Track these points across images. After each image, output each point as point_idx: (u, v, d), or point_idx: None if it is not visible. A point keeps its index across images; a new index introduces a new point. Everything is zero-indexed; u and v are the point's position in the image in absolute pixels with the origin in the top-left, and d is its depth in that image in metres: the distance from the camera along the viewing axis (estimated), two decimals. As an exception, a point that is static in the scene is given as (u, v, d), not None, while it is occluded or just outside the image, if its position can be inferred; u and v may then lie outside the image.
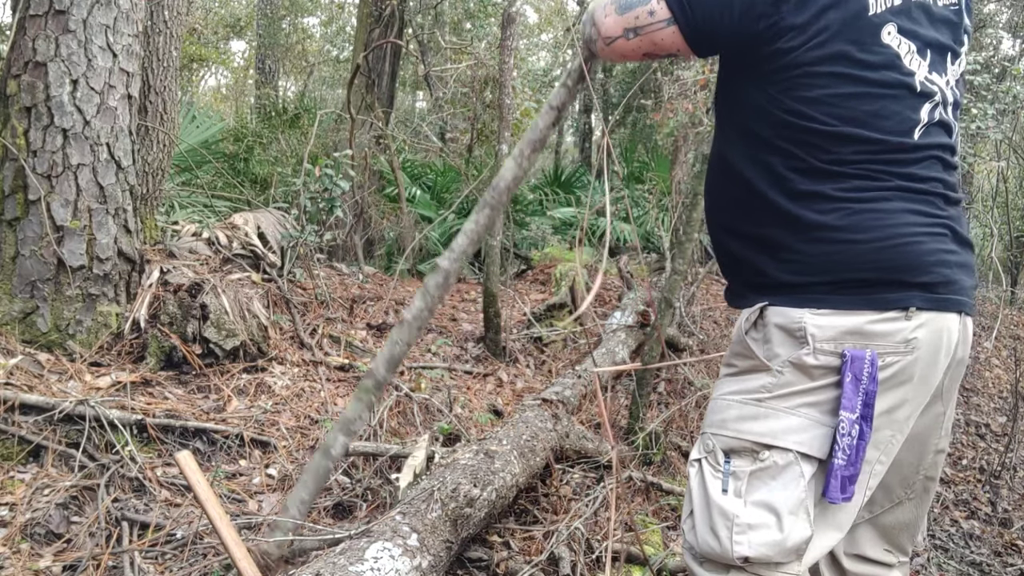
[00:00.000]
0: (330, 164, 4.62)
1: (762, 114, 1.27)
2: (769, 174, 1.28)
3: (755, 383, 1.28)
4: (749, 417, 1.27)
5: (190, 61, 12.00)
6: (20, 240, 2.85)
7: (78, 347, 2.92)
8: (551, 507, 2.57)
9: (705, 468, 1.31)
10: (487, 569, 2.16)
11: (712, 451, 1.30)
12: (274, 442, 2.79)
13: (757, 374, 1.29)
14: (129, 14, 3.05)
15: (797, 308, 1.24)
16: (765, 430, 1.25)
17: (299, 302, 4.17)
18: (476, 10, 9.56)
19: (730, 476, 1.26)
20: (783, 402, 1.25)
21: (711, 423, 1.33)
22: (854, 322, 1.21)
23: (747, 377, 1.31)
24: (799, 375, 1.24)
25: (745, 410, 1.27)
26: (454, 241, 1.34)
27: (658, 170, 9.23)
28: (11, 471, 2.26)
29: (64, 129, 2.87)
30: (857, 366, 1.18)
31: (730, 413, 1.29)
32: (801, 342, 1.23)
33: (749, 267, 1.36)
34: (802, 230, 1.25)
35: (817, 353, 1.22)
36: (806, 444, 1.23)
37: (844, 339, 1.21)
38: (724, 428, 1.29)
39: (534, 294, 6.36)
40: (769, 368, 1.26)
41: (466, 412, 3.45)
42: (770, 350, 1.27)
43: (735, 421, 1.28)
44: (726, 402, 1.31)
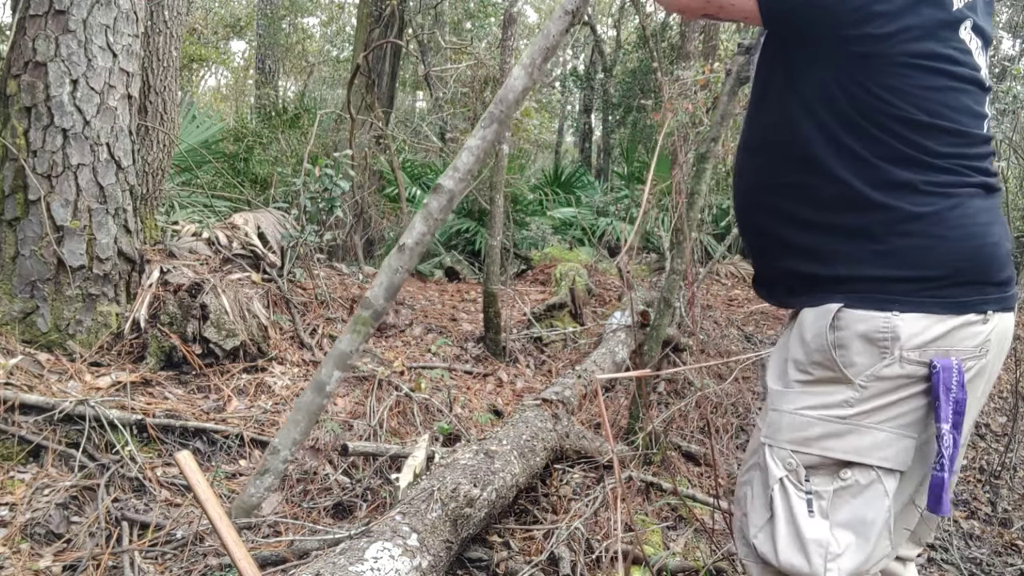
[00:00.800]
0: (330, 164, 4.62)
1: (840, 95, 1.21)
2: (852, 160, 1.22)
3: (836, 397, 1.23)
4: (832, 435, 1.23)
5: (190, 61, 12.00)
6: (20, 240, 2.85)
7: (78, 347, 2.92)
8: (551, 507, 2.57)
9: (789, 487, 1.27)
10: (487, 569, 2.16)
11: (795, 470, 1.27)
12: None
13: (837, 386, 1.23)
14: (129, 14, 3.05)
15: (880, 311, 1.19)
16: (849, 448, 1.21)
17: (299, 302, 4.17)
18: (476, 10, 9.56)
19: (813, 496, 1.24)
20: (867, 418, 1.21)
21: (792, 440, 1.28)
22: (939, 329, 1.18)
23: (825, 389, 1.25)
24: (883, 387, 1.20)
25: (829, 428, 1.23)
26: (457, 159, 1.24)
27: (658, 170, 9.23)
28: (11, 471, 2.26)
29: (64, 129, 2.87)
30: (947, 376, 1.16)
31: (813, 431, 1.25)
32: (884, 351, 1.19)
33: (810, 258, 1.29)
34: (891, 221, 1.20)
35: (903, 363, 1.18)
36: (891, 459, 1.21)
37: (929, 347, 1.17)
38: (808, 446, 1.25)
39: (534, 294, 6.36)
40: (851, 382, 1.21)
41: (466, 412, 3.45)
42: (847, 357, 1.22)
43: (818, 440, 1.24)
44: (806, 419, 1.26)
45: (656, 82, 10.86)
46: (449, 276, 7.27)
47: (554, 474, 2.77)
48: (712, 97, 5.89)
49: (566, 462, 2.88)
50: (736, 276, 8.04)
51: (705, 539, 2.42)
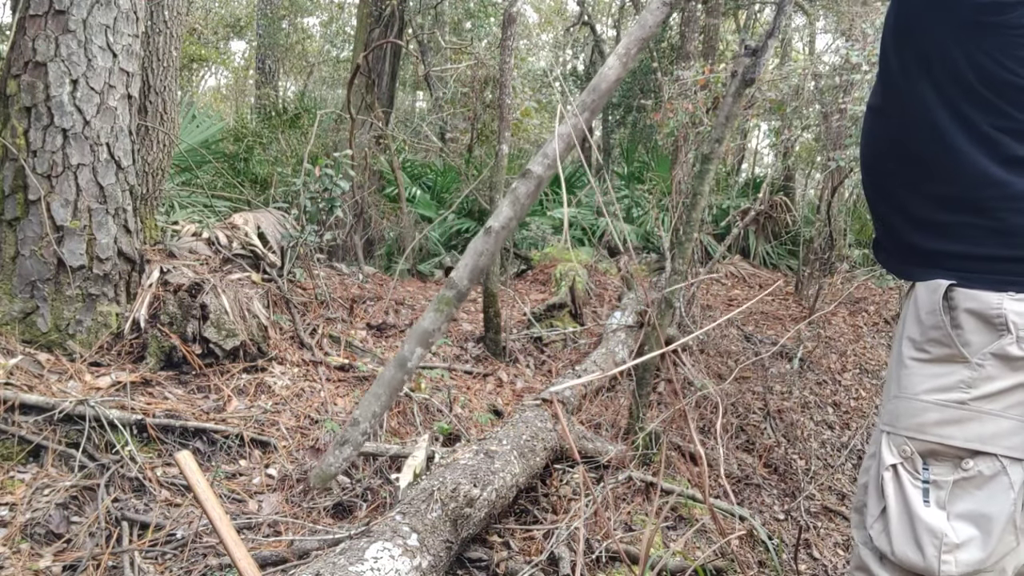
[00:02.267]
0: (330, 164, 4.62)
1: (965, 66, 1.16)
2: (972, 132, 1.17)
3: (952, 378, 1.17)
4: (952, 421, 1.16)
5: (190, 61, 12.00)
6: (20, 240, 2.85)
7: (78, 347, 2.92)
8: (551, 507, 2.57)
9: (903, 475, 1.21)
10: (487, 569, 2.16)
11: (910, 457, 1.20)
12: (274, 442, 2.79)
13: (953, 365, 1.17)
14: (129, 14, 3.05)
15: (994, 292, 1.13)
16: (971, 435, 1.14)
17: (299, 302, 4.17)
18: (476, 10, 9.56)
19: (931, 485, 1.18)
20: (989, 403, 1.14)
21: (906, 426, 1.22)
22: None
23: (941, 369, 1.19)
24: (1004, 369, 1.13)
25: (947, 413, 1.17)
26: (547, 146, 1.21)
27: (658, 170, 9.24)
28: (11, 471, 2.26)
29: (64, 129, 2.87)
30: None
31: (929, 417, 1.18)
32: (1000, 330, 1.12)
33: (927, 230, 1.24)
34: (1008, 198, 1.15)
35: (1021, 343, 1.12)
36: (1018, 448, 1.13)
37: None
38: (923, 432, 1.19)
39: (534, 294, 6.36)
40: (968, 360, 1.15)
41: (466, 412, 3.45)
42: (962, 337, 1.16)
43: (936, 426, 1.18)
44: (922, 404, 1.20)
45: (656, 82, 10.87)
46: (449, 276, 7.26)
47: (554, 474, 2.77)
48: (712, 97, 5.89)
49: (566, 462, 2.88)
50: (736, 276, 8.05)
51: (705, 539, 2.42)
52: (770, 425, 3.60)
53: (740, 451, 3.36)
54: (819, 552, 2.67)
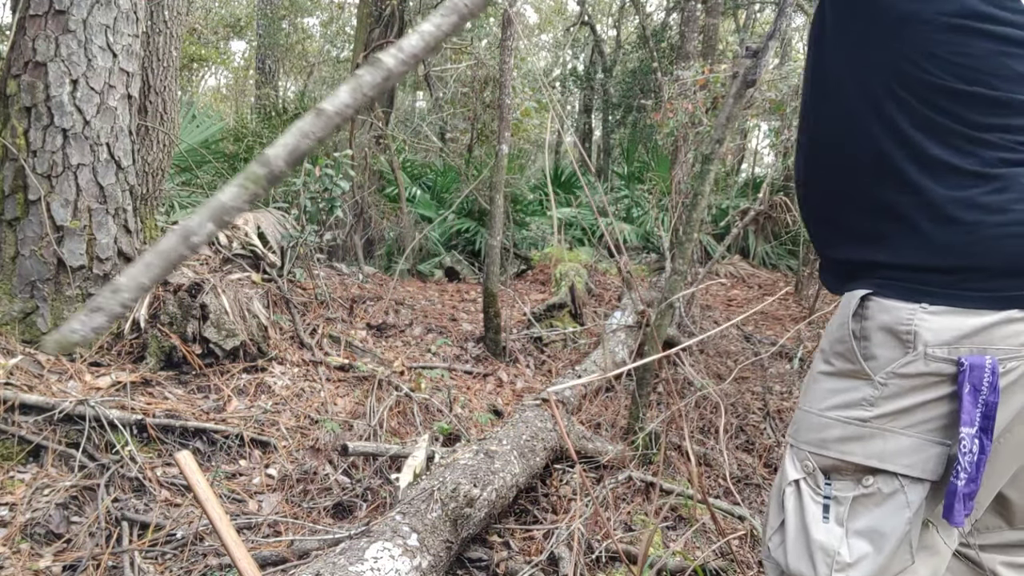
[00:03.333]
0: (330, 164, 4.62)
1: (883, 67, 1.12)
2: (892, 130, 1.13)
3: (855, 395, 1.13)
4: (853, 438, 1.13)
5: (190, 61, 12.00)
6: (20, 240, 2.85)
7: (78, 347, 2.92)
8: (551, 507, 2.57)
9: (804, 490, 1.19)
10: (487, 569, 2.16)
11: (812, 472, 1.18)
12: (274, 442, 2.79)
13: (856, 381, 1.14)
14: (129, 14, 3.05)
15: (907, 302, 1.08)
16: (872, 452, 1.11)
17: (299, 302, 4.17)
18: (476, 10, 9.53)
19: (832, 500, 1.16)
20: (890, 421, 1.11)
21: (810, 440, 1.19)
22: (972, 324, 1.05)
23: (845, 384, 1.16)
24: (906, 386, 1.09)
25: (849, 430, 1.14)
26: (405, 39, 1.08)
27: (658, 170, 9.24)
28: (11, 471, 2.26)
29: (64, 129, 2.87)
30: (976, 375, 1.04)
31: (831, 433, 1.16)
32: (907, 346, 1.08)
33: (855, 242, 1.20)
34: (926, 204, 1.10)
35: (928, 360, 1.07)
36: (917, 467, 1.10)
37: (960, 344, 1.06)
38: (825, 448, 1.16)
39: (534, 294, 6.36)
40: (870, 377, 1.11)
41: (466, 412, 3.45)
42: (868, 349, 1.12)
43: (837, 442, 1.15)
44: (825, 420, 1.17)
45: (656, 82, 10.87)
46: (449, 276, 7.27)
47: (554, 474, 2.77)
48: (712, 97, 5.90)
49: (566, 462, 2.88)
50: (736, 276, 8.05)
51: (705, 539, 2.42)
52: (770, 425, 3.61)
53: (740, 451, 3.36)
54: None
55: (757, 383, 4.30)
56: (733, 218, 7.37)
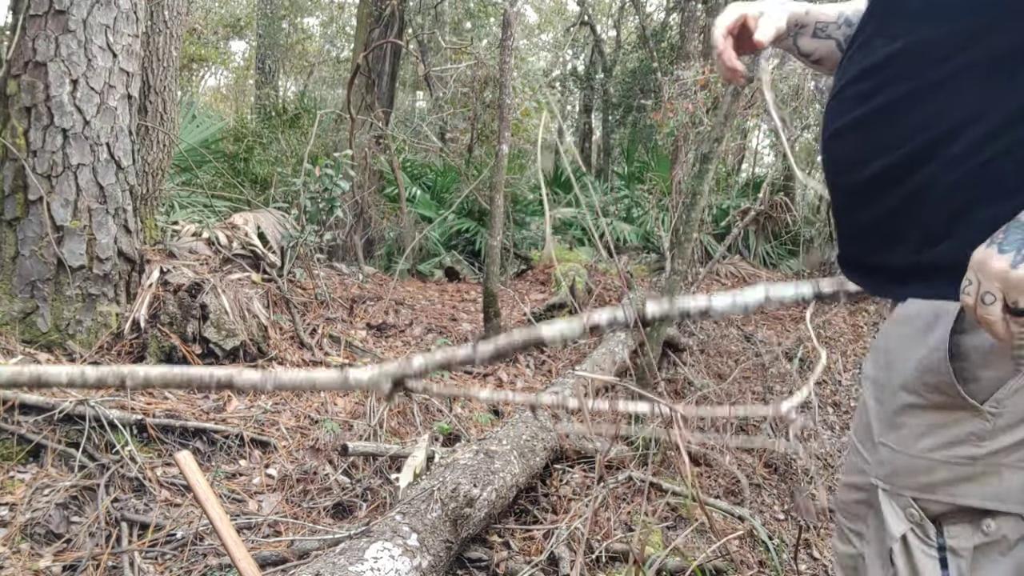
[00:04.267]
0: (330, 164, 4.63)
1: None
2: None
3: (960, 430, 0.93)
4: (964, 479, 0.93)
5: (190, 61, 12.01)
6: (20, 240, 2.85)
7: (78, 347, 2.92)
8: (551, 507, 2.57)
9: (912, 544, 0.98)
10: (487, 569, 2.16)
11: (919, 522, 0.97)
12: (274, 442, 2.79)
13: (959, 413, 0.92)
14: (129, 14, 3.05)
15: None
16: (988, 493, 0.92)
17: (299, 302, 4.17)
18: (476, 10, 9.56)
19: (949, 552, 0.95)
20: (1007, 456, 0.90)
21: (909, 485, 0.99)
22: None
23: (943, 417, 0.94)
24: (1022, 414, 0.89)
25: (958, 471, 0.94)
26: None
27: (658, 170, 9.24)
28: (11, 471, 2.27)
29: (64, 129, 2.87)
30: None
31: (937, 476, 0.95)
32: (1018, 367, 0.87)
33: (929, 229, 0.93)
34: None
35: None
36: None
37: None
38: (933, 493, 0.96)
39: (534, 294, 6.37)
40: (978, 408, 0.90)
41: (466, 412, 3.45)
42: (967, 371, 0.91)
43: (946, 485, 0.95)
44: (927, 462, 0.96)
45: (656, 82, 10.88)
46: (449, 276, 7.27)
47: (554, 474, 2.77)
48: (712, 97, 5.90)
49: (566, 462, 2.88)
50: (736, 276, 8.05)
51: (706, 539, 2.42)
52: (770, 425, 3.61)
53: (740, 451, 3.36)
54: (819, 552, 2.67)
55: (757, 383, 4.30)
56: (733, 218, 7.37)
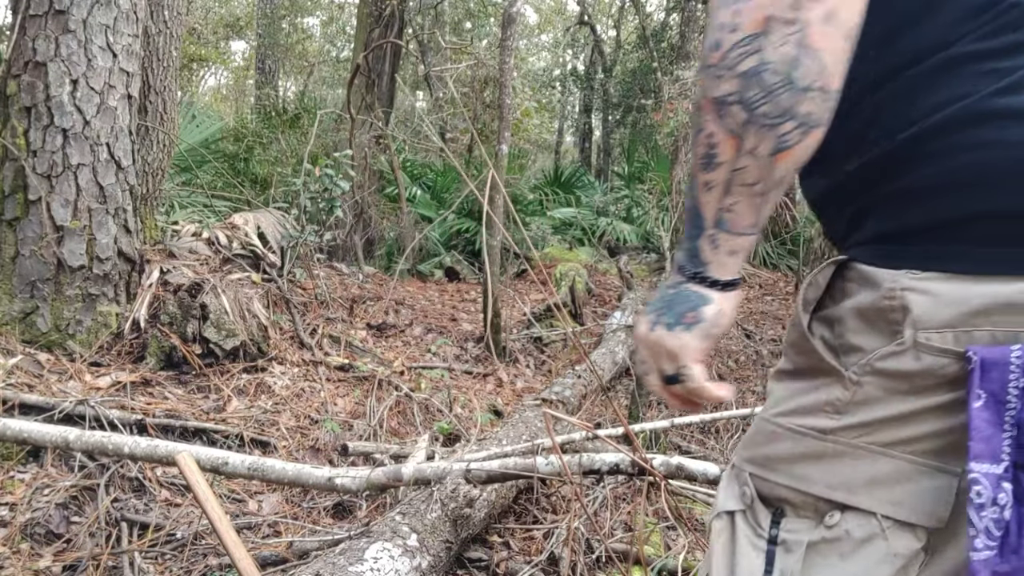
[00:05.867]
0: (330, 164, 4.63)
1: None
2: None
3: (818, 397, 0.77)
4: (809, 456, 0.77)
5: (190, 61, 12.01)
6: (20, 240, 2.85)
7: (78, 347, 2.92)
8: (551, 507, 2.57)
9: (739, 527, 0.81)
10: (487, 569, 2.16)
11: (751, 504, 0.80)
12: (274, 442, 2.79)
13: (820, 380, 0.77)
14: (129, 14, 3.05)
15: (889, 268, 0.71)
16: (835, 480, 0.75)
17: (299, 302, 4.17)
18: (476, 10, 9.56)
19: (779, 547, 0.78)
20: (864, 435, 0.74)
21: (751, 457, 0.83)
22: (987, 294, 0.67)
23: (805, 385, 0.79)
24: (889, 389, 0.72)
25: (804, 445, 0.77)
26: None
27: (658, 170, 9.24)
28: (11, 471, 2.27)
29: (64, 129, 2.87)
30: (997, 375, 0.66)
31: (780, 447, 0.79)
32: (894, 330, 0.71)
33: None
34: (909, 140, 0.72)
35: (920, 351, 0.70)
36: (905, 505, 0.72)
37: (971, 324, 0.68)
38: (772, 469, 0.80)
39: (534, 294, 6.36)
40: (840, 373, 0.75)
41: (466, 412, 3.45)
42: (843, 339, 0.76)
43: (789, 461, 0.78)
44: (773, 427, 0.80)
45: (656, 82, 10.87)
46: (449, 276, 7.27)
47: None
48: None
49: (566, 462, 2.88)
50: (736, 276, 8.04)
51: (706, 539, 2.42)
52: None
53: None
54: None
55: (758, 382, 4.30)
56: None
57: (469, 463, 2.01)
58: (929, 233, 0.70)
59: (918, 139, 0.70)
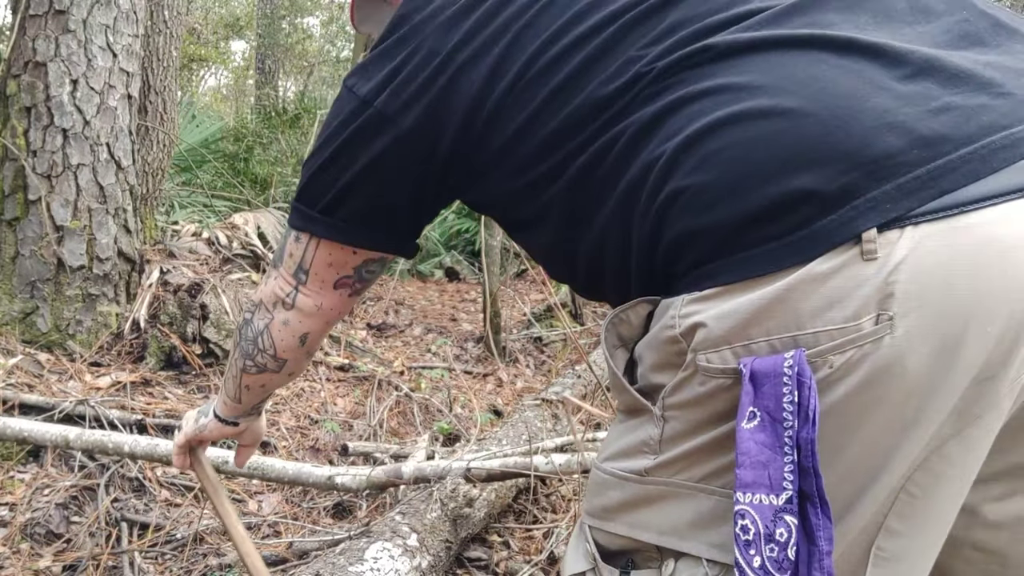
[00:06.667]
0: (330, 164, 4.62)
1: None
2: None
3: (636, 437, 0.73)
4: (638, 502, 0.72)
5: (190, 61, 12.01)
6: (20, 240, 2.85)
7: (78, 347, 2.92)
8: (551, 507, 2.57)
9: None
10: (487, 569, 2.16)
11: (595, 564, 0.76)
12: (274, 442, 2.79)
13: (637, 419, 0.74)
14: (129, 14, 3.05)
15: (671, 295, 0.69)
16: (665, 524, 0.70)
17: (299, 302, 4.17)
18: (476, 10, 9.53)
19: None
20: (678, 472, 0.69)
21: (589, 509, 0.79)
22: (758, 296, 0.61)
23: (627, 426, 0.76)
24: (691, 420, 0.68)
25: (628, 491, 0.73)
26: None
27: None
28: (11, 471, 2.27)
29: (64, 129, 2.87)
30: (769, 391, 0.59)
31: (611, 496, 0.75)
32: (680, 359, 0.67)
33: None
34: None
35: (704, 375, 0.65)
36: (728, 547, 0.64)
37: (745, 337, 0.62)
38: (608, 520, 0.75)
39: (534, 294, 6.37)
40: (650, 410, 0.71)
41: (466, 412, 3.45)
42: (646, 378, 0.73)
43: (621, 509, 0.74)
44: (602, 475, 0.77)
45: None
46: (449, 276, 7.27)
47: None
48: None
49: (566, 462, 2.88)
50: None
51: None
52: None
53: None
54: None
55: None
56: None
57: (469, 462, 2.01)
58: (702, 257, 0.66)
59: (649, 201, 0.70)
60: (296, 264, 0.94)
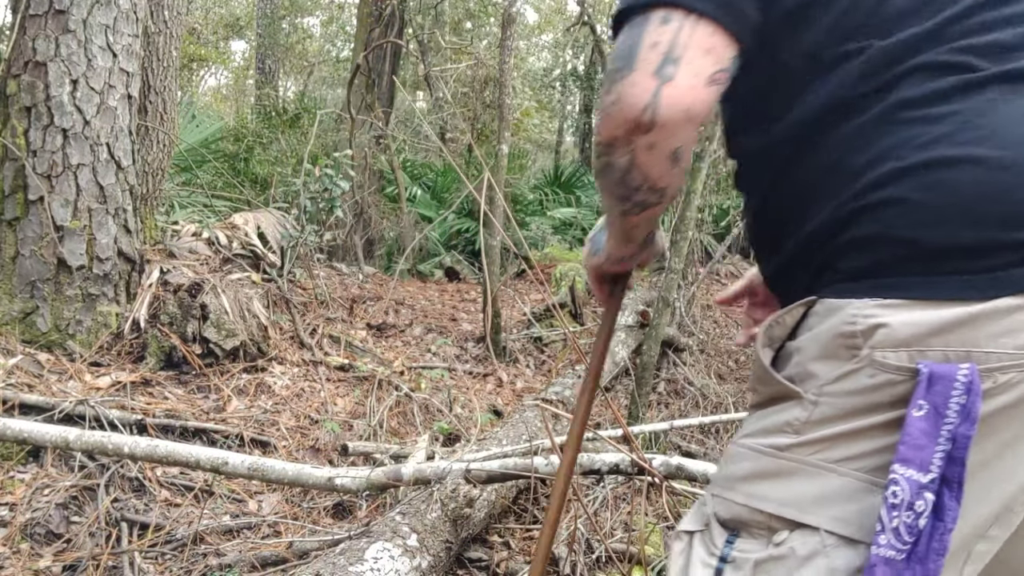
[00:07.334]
0: (330, 164, 4.62)
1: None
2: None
3: (779, 418, 0.80)
4: (765, 475, 0.79)
5: (190, 61, 12.01)
6: (20, 240, 2.85)
7: (78, 347, 2.92)
8: (551, 507, 2.57)
9: (695, 547, 0.84)
10: (487, 569, 2.16)
11: (708, 525, 0.84)
12: (274, 442, 2.79)
13: (782, 404, 0.81)
14: (129, 14, 3.05)
15: (855, 299, 0.76)
16: (788, 497, 0.77)
17: (299, 302, 4.17)
18: (476, 10, 9.56)
19: (728, 565, 0.80)
20: (816, 452, 0.76)
21: (716, 478, 0.87)
22: (946, 315, 0.71)
23: (770, 411, 0.83)
24: (846, 407, 0.75)
25: (761, 463, 0.80)
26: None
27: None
28: (11, 471, 2.27)
29: (64, 129, 2.87)
30: (941, 388, 0.70)
31: (741, 467, 0.82)
32: (852, 353, 0.75)
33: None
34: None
35: (876, 369, 0.73)
36: (851, 521, 0.73)
37: (925, 344, 0.72)
38: (731, 489, 0.82)
39: (534, 294, 6.36)
40: (800, 395, 0.78)
41: (466, 412, 3.45)
42: (801, 367, 0.80)
43: (745, 480, 0.81)
44: (737, 449, 0.85)
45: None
46: (449, 276, 7.27)
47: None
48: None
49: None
50: (736, 276, 8.05)
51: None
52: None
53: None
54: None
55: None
56: (733, 218, 7.37)
57: (469, 463, 2.01)
58: (890, 267, 0.75)
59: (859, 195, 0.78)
60: (663, 55, 0.77)
